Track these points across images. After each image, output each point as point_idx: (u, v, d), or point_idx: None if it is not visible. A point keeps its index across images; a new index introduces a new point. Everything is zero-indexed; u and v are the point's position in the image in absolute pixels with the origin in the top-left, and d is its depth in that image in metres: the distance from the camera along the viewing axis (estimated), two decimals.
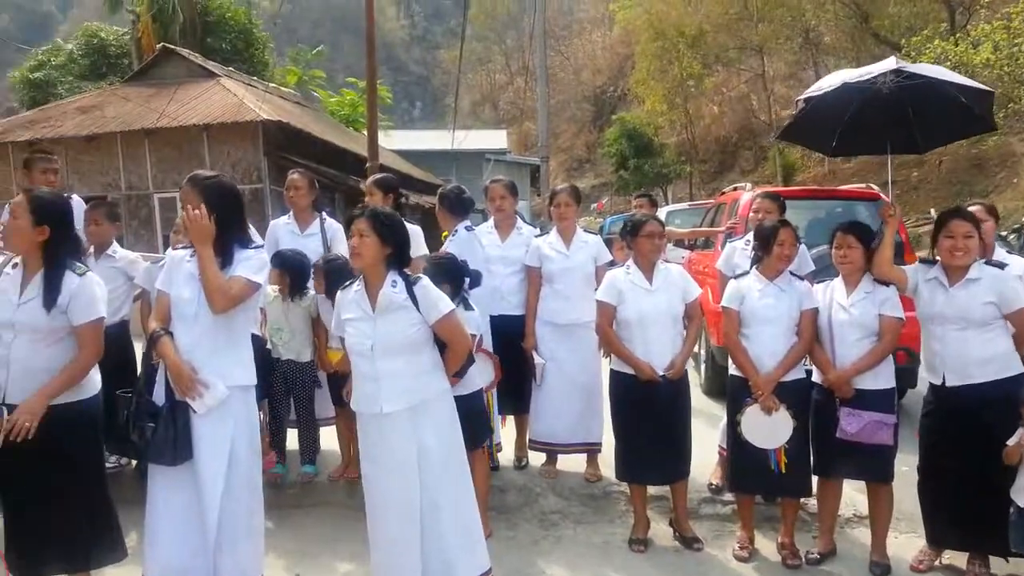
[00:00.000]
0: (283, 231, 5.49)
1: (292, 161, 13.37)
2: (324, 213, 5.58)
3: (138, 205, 14.53)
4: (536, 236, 5.12)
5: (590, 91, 48.84)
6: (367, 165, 11.77)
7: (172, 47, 17.40)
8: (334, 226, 5.54)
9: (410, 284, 3.27)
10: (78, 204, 4.90)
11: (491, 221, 5.18)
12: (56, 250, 3.24)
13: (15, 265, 3.31)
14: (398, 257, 3.31)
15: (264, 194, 14.30)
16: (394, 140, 24.84)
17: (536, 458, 5.11)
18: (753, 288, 4.06)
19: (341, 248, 5.48)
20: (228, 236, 3.26)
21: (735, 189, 8.16)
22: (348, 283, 3.47)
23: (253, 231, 5.70)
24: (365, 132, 23.42)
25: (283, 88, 20.28)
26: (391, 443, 3.29)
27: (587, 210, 29.55)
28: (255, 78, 19.75)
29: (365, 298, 3.30)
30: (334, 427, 5.15)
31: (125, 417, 3.26)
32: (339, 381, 4.55)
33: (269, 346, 4.92)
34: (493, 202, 5.06)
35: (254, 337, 3.67)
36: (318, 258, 4.98)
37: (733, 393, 4.11)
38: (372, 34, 11.04)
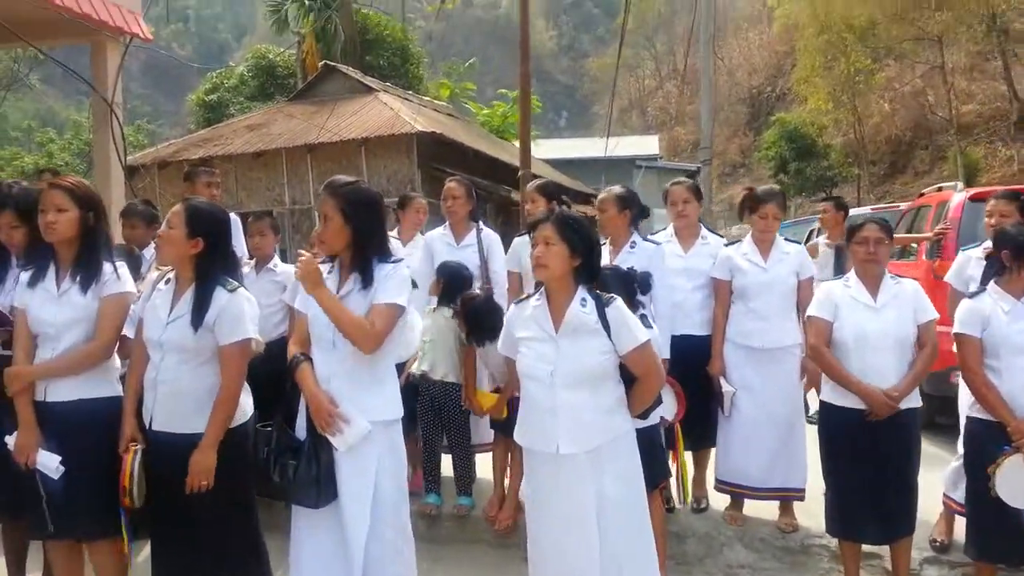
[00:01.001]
0: (439, 243, 5.18)
1: (445, 172, 13.30)
2: (480, 223, 5.23)
3: (301, 219, 14.97)
4: (726, 246, 4.50)
5: (745, 92, 47.16)
6: (520, 174, 11.39)
7: (333, 64, 17.97)
8: (491, 237, 5.17)
9: (602, 305, 2.80)
10: (234, 221, 4.78)
11: (670, 229, 4.63)
12: (209, 264, 3.03)
13: (168, 281, 3.12)
14: (588, 269, 2.85)
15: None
16: (542, 149, 24.59)
17: (717, 500, 4.49)
18: (997, 309, 3.30)
19: (498, 262, 5.12)
20: (367, 249, 2.93)
21: (940, 190, 7.16)
22: (525, 296, 3.05)
23: (395, 243, 5.52)
24: (516, 142, 23.41)
25: (436, 101, 20.55)
26: (566, 488, 2.84)
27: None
28: (410, 92, 20.09)
29: (547, 315, 2.86)
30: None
31: (265, 454, 2.97)
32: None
33: (418, 369, 4.58)
34: (675, 207, 4.50)
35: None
36: (455, 304, 4.54)
37: (976, 439, 3.37)
38: (527, 39, 10.68)
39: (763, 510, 4.35)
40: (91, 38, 10.79)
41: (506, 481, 4.56)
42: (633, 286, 3.38)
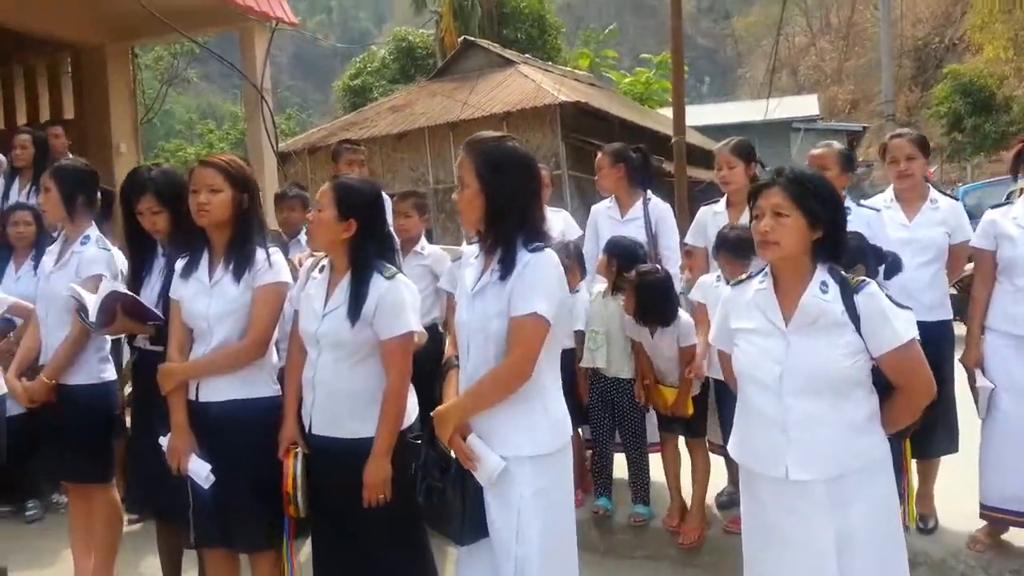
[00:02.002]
0: (603, 217, 4.65)
1: (590, 143, 12.73)
2: (649, 193, 4.63)
3: (444, 199, 14.80)
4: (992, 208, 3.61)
5: (909, 45, 43.66)
6: (672, 141, 10.73)
7: (472, 39, 17.71)
8: (660, 208, 4.57)
9: (850, 290, 2.15)
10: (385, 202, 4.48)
11: (889, 192, 3.87)
12: (363, 248, 2.68)
13: (322, 268, 2.78)
14: (832, 244, 2.22)
15: (563, 180, 13.84)
16: (688, 116, 23.46)
17: (951, 519, 3.73)
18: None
19: (670, 236, 4.52)
20: (508, 226, 2.35)
21: None
22: (745, 276, 2.46)
23: (564, 217, 5.00)
24: (661, 110, 22.53)
25: (577, 71, 19.93)
26: (797, 521, 2.24)
27: None
28: (550, 63, 19.57)
29: (774, 302, 2.25)
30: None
31: (413, 471, 2.55)
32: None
33: (588, 364, 4.09)
34: (895, 164, 3.72)
35: None
36: (630, 274, 3.98)
37: None
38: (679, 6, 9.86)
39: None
40: (238, 25, 10.96)
41: (684, 487, 4.05)
42: (870, 260, 2.71)
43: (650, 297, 3.81)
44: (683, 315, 3.92)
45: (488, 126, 14.26)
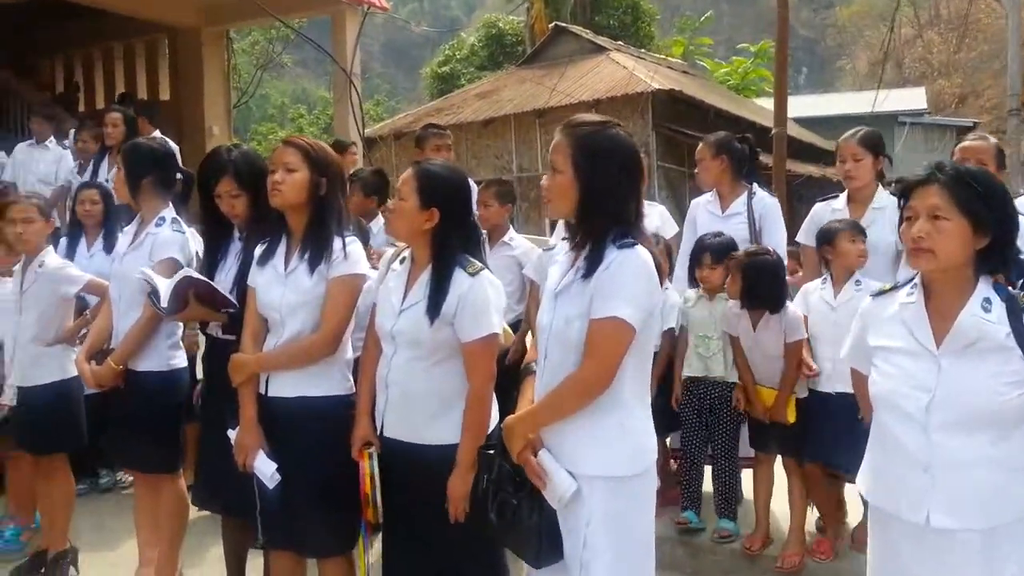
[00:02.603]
0: (703, 212, 4.30)
1: (683, 134, 12.27)
2: (755, 187, 4.26)
3: (529, 187, 14.56)
4: None
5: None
6: (773, 132, 10.21)
7: (564, 25, 17.38)
8: (765, 202, 4.20)
9: (1019, 310, 1.82)
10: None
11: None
12: (447, 241, 2.51)
13: (403, 260, 2.60)
14: (998, 253, 1.88)
15: (652, 172, 13.40)
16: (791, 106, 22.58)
17: None
18: None
19: (775, 234, 4.15)
20: (600, 218, 2.10)
21: None
22: (890, 286, 2.13)
23: (660, 212, 4.68)
24: (759, 100, 21.70)
25: (671, 59, 19.35)
26: (938, 574, 1.91)
27: None
28: (643, 51, 19.06)
29: (923, 318, 1.93)
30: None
31: (485, 484, 2.31)
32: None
33: (689, 373, 3.80)
34: None
35: None
36: (737, 252, 3.72)
37: None
38: None
39: None
40: (331, 9, 11.01)
41: (774, 508, 3.74)
42: None
43: (759, 279, 3.50)
44: (791, 306, 3.58)
45: (575, 113, 13.90)
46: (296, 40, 24.78)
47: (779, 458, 3.76)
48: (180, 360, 3.35)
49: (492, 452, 2.32)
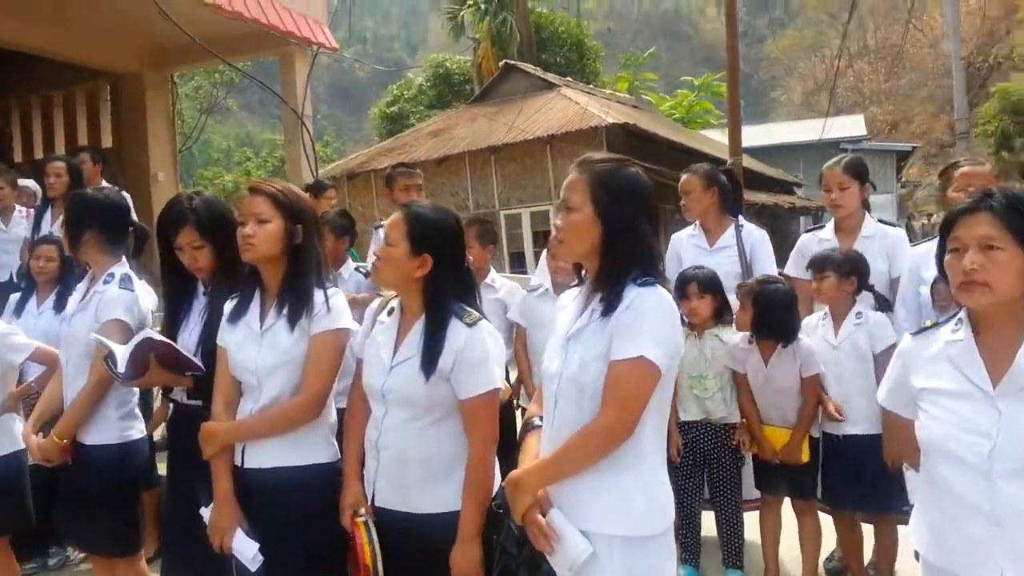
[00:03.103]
0: (687, 247, 4.15)
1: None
2: (741, 219, 4.14)
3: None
4: None
5: (952, 65, 43.11)
6: (730, 162, 10.26)
7: (513, 63, 17.43)
8: (755, 235, 4.07)
9: None
10: None
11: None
12: (440, 289, 2.32)
13: (391, 311, 2.39)
14: None
15: None
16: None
17: None
18: None
19: (768, 268, 4.02)
20: (622, 257, 1.97)
21: None
22: (931, 324, 1.98)
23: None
24: (703, 132, 22.06)
25: (618, 94, 19.54)
26: None
27: None
28: (591, 86, 19.21)
29: (975, 357, 1.77)
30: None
31: (495, 546, 2.11)
32: None
33: (686, 416, 3.61)
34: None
35: None
36: (748, 280, 3.59)
37: None
38: (734, 15, 9.49)
39: None
40: (280, 51, 10.86)
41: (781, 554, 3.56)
42: None
43: (771, 308, 3.34)
44: (803, 338, 3.43)
45: (531, 149, 13.90)
46: (241, 84, 24.51)
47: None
48: (135, 431, 3.03)
49: (502, 510, 2.11)
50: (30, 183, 6.04)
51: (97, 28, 9.99)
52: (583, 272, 2.12)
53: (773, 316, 3.35)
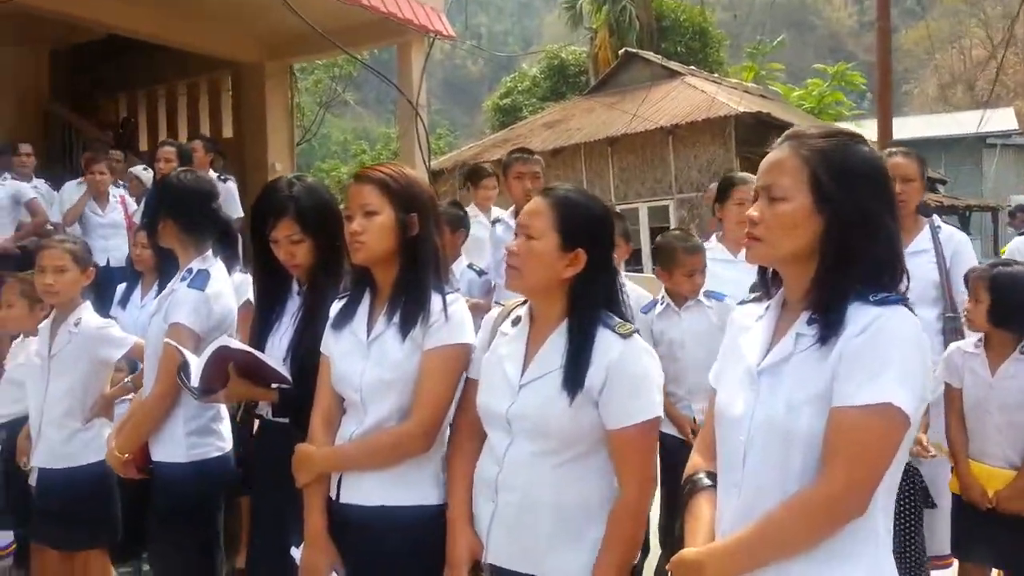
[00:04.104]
0: None
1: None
2: (936, 219, 3.48)
3: None
4: None
5: None
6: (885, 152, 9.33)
7: (634, 51, 16.72)
8: (956, 238, 3.48)
9: None
10: None
11: None
12: (590, 292, 1.89)
13: (517, 320, 1.97)
14: None
15: None
16: (863, 130, 21.44)
17: None
18: None
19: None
20: (849, 263, 1.50)
21: None
22: None
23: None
24: (837, 124, 20.62)
25: (745, 83, 18.53)
26: None
27: None
28: (715, 75, 18.29)
29: None
30: None
31: None
32: None
33: None
34: None
35: None
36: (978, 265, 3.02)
37: None
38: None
39: None
40: (396, 40, 10.62)
41: None
42: None
43: (1016, 292, 2.68)
44: None
45: (651, 140, 13.20)
46: (359, 78, 24.78)
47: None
48: (212, 448, 2.64)
49: None
50: (139, 168, 5.92)
51: (218, 17, 10.01)
52: (770, 279, 1.61)
53: (1017, 303, 2.66)
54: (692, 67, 17.61)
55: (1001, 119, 24.43)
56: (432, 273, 2.04)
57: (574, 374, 1.79)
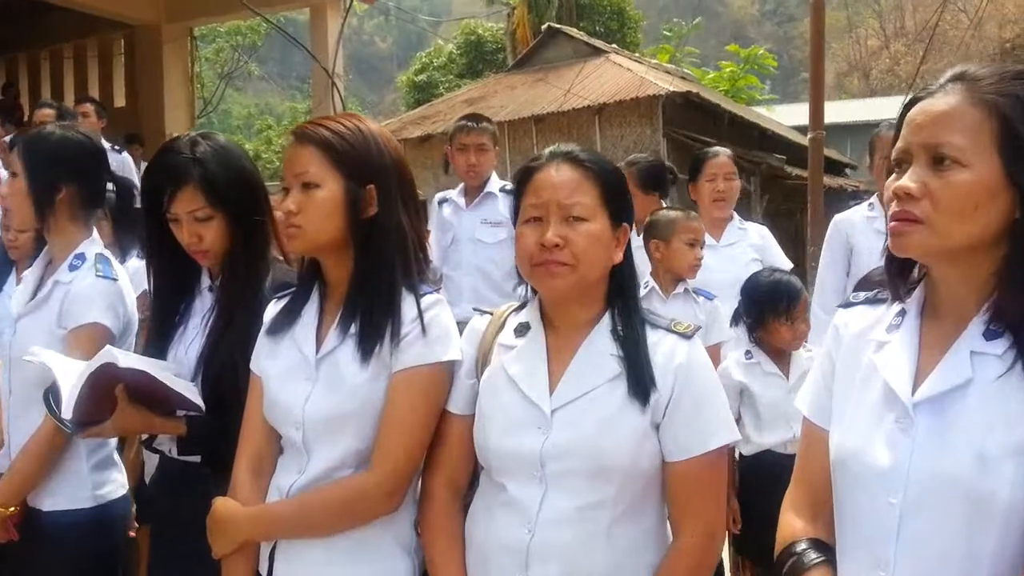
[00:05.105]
0: (864, 233, 3.20)
1: (697, 140, 11.20)
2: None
3: None
4: None
5: (995, 47, 42.21)
6: (810, 136, 9.39)
7: (557, 27, 16.22)
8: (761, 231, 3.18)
9: None
10: None
11: None
12: (630, 281, 1.49)
13: (522, 328, 1.56)
14: None
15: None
16: (776, 115, 21.73)
17: None
18: None
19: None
20: None
21: None
22: None
23: (761, 233, 3.57)
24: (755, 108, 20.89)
25: (665, 65, 18.35)
26: None
27: None
28: (637, 55, 18.05)
29: None
30: None
31: None
32: None
33: None
34: None
35: None
36: None
37: None
38: None
39: None
40: (310, 2, 9.85)
41: None
42: None
43: None
44: None
45: (577, 119, 12.78)
46: (262, 50, 23.53)
47: None
48: (115, 487, 2.02)
49: None
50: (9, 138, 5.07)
51: None
52: (900, 278, 1.16)
53: None
54: (615, 46, 17.30)
55: (893, 107, 25.36)
56: (400, 266, 1.50)
57: (640, 380, 1.33)
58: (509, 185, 3.68)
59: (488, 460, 1.43)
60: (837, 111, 24.34)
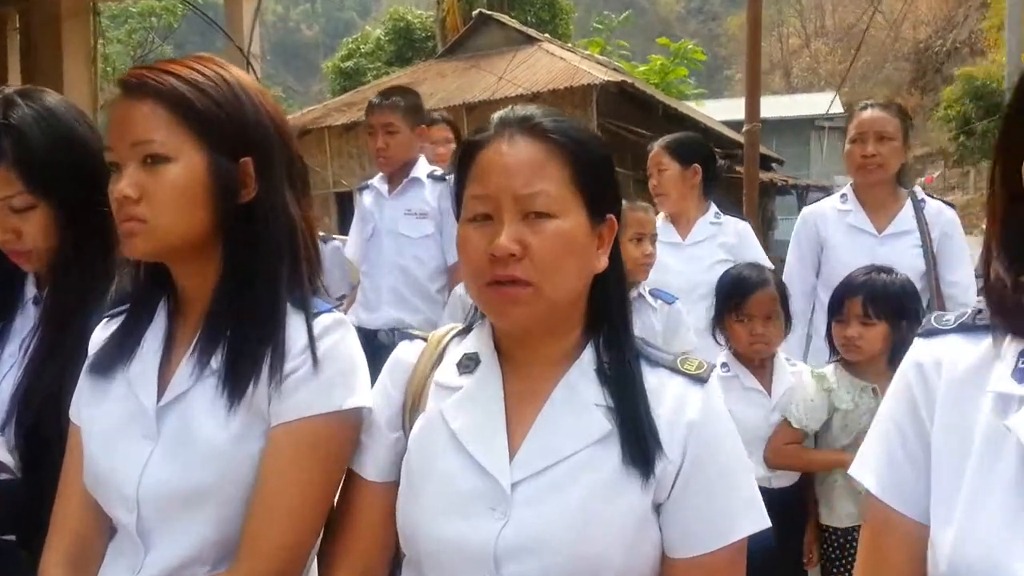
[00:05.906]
0: (838, 227, 2.97)
1: (631, 132, 11.02)
2: (919, 191, 2.95)
3: None
4: None
5: (910, 48, 44.36)
6: (745, 128, 9.32)
7: (488, 13, 15.89)
8: (945, 216, 2.90)
9: None
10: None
11: None
12: (621, 303, 1.11)
13: (467, 363, 1.20)
14: None
15: None
16: (705, 109, 21.91)
17: None
18: None
19: (964, 266, 2.76)
20: None
21: None
22: None
23: (738, 230, 3.33)
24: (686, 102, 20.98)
25: (597, 56, 18.23)
26: None
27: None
28: (569, 45, 17.88)
29: None
30: None
31: None
32: None
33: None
34: None
35: None
36: None
37: None
38: None
39: None
40: None
41: None
42: None
43: None
44: None
45: (512, 106, 12.45)
46: (179, 32, 22.48)
47: None
48: None
49: None
50: None
51: None
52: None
53: None
54: (547, 35, 17.08)
55: (825, 103, 25.99)
56: (286, 272, 1.09)
57: (640, 441, 0.95)
58: (439, 171, 3.24)
59: (417, 552, 1.01)
60: (762, 107, 24.77)
